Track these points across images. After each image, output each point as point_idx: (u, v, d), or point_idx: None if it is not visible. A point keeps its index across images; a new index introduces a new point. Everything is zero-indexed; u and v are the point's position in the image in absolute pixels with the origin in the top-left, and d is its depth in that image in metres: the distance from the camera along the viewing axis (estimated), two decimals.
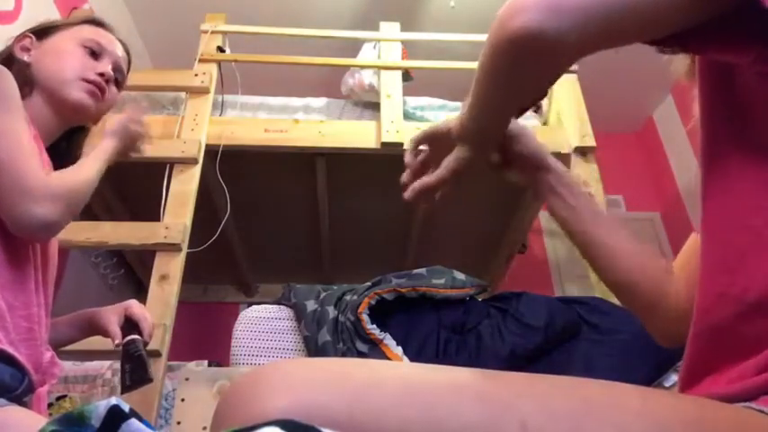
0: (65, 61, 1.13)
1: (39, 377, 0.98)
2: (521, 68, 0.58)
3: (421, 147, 0.80)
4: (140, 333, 1.12)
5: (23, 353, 0.94)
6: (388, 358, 1.67)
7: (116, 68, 1.19)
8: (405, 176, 0.80)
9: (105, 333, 1.13)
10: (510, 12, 0.53)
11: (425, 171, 0.79)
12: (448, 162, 0.72)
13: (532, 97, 0.66)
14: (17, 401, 0.89)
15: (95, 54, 1.16)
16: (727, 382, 0.53)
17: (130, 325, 1.13)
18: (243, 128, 2.24)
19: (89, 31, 1.18)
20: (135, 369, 1.05)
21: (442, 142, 0.75)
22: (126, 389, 1.06)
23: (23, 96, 1.05)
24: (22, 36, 1.15)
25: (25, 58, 1.12)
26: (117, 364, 1.70)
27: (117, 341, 1.10)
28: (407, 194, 0.75)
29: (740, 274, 0.54)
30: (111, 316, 1.14)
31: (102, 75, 1.14)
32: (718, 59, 0.57)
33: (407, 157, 0.80)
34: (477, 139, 0.71)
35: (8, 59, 1.11)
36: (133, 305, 1.17)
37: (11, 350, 0.90)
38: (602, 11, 0.51)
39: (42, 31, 1.16)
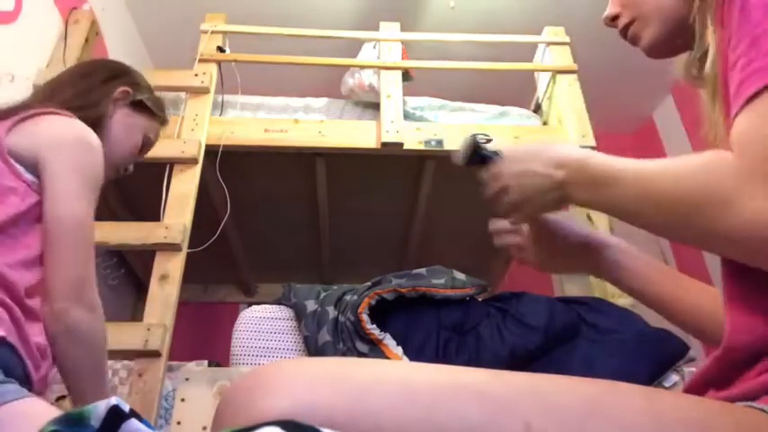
0: (125, 148, 1.23)
1: (40, 388, 0.97)
2: (725, 244, 0.52)
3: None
4: None
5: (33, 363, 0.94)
6: (388, 358, 1.67)
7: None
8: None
9: None
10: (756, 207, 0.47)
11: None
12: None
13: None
14: None
15: (142, 149, 1.27)
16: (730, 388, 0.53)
17: None
18: (243, 128, 2.24)
19: (155, 131, 1.29)
20: None
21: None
22: None
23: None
24: (124, 91, 1.21)
25: (111, 108, 1.18)
26: (117, 364, 1.71)
27: None
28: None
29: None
30: None
31: (126, 170, 1.28)
32: None
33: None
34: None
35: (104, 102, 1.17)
36: None
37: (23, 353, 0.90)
38: None
39: (139, 104, 1.24)
